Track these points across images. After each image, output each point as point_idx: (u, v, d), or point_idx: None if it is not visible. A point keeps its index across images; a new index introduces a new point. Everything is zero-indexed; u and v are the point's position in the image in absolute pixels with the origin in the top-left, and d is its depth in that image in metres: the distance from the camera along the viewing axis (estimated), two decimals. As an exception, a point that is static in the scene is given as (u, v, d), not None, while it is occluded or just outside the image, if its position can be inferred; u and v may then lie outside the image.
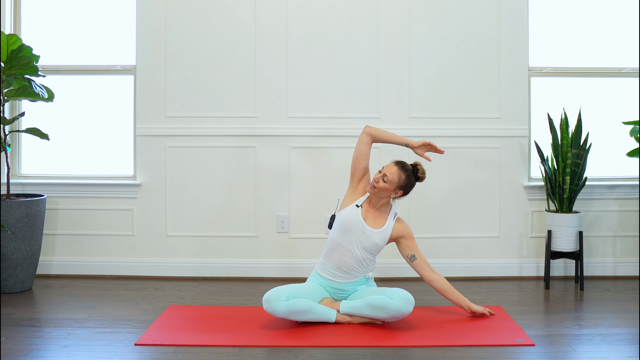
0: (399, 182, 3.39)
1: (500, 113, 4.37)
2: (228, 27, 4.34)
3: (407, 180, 3.41)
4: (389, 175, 3.36)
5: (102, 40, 4.46)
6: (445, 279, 3.50)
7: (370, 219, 3.43)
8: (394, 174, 3.37)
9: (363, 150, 3.52)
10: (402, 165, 3.42)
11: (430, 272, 3.48)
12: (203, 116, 4.36)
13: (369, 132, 3.52)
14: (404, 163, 3.45)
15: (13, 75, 3.96)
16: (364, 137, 3.52)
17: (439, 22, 4.34)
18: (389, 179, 3.36)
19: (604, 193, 4.40)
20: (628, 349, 3.02)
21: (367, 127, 3.53)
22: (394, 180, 3.37)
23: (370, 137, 3.52)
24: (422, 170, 3.47)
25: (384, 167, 3.43)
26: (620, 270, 4.42)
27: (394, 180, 3.37)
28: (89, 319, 3.44)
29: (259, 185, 4.36)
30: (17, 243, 3.94)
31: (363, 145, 3.52)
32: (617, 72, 4.46)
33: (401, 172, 3.39)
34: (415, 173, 3.46)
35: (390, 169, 3.39)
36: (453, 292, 3.49)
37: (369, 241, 3.40)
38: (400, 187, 3.41)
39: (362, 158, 3.51)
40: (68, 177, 4.45)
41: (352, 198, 3.50)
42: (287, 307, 3.21)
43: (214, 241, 4.38)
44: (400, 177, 3.38)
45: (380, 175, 3.39)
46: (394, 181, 3.37)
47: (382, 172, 3.39)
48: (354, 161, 3.53)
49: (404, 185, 3.41)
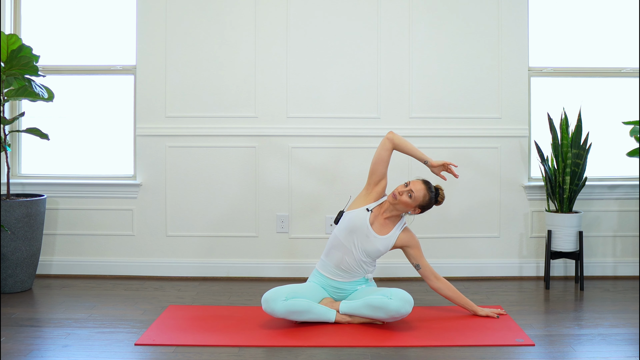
0: (422, 202, 3.37)
1: (500, 113, 4.37)
2: (228, 27, 4.34)
3: (429, 202, 3.40)
4: (416, 192, 3.34)
5: (102, 40, 4.46)
6: (450, 286, 3.49)
7: (377, 225, 3.42)
8: (420, 192, 3.35)
9: (383, 155, 3.47)
10: (428, 186, 3.40)
11: (435, 280, 3.47)
12: (203, 116, 4.36)
13: (392, 139, 3.47)
14: (430, 184, 3.42)
15: (13, 75, 3.96)
16: (386, 143, 3.46)
17: (439, 22, 4.34)
18: (415, 195, 3.34)
19: (604, 193, 4.40)
20: (628, 349, 3.02)
21: (390, 133, 3.48)
22: (419, 197, 3.35)
23: (391, 143, 3.46)
24: (442, 195, 3.46)
25: (410, 182, 3.39)
26: (620, 270, 4.42)
27: (419, 197, 3.35)
28: (89, 319, 3.44)
29: (259, 185, 4.36)
30: (17, 243, 3.94)
31: (383, 151, 3.47)
32: (617, 72, 4.46)
33: (427, 192, 3.37)
34: (436, 197, 3.45)
35: (417, 186, 3.36)
36: (460, 297, 3.49)
37: (371, 246, 3.39)
38: (420, 206, 3.39)
39: (381, 163, 3.46)
40: (68, 177, 4.45)
41: (364, 200, 3.47)
42: (286, 307, 3.21)
43: (214, 241, 4.38)
44: (424, 197, 3.37)
45: (406, 189, 3.35)
46: (418, 199, 3.35)
47: (409, 187, 3.35)
48: (373, 164, 3.48)
49: (424, 205, 3.40)
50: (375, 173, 3.48)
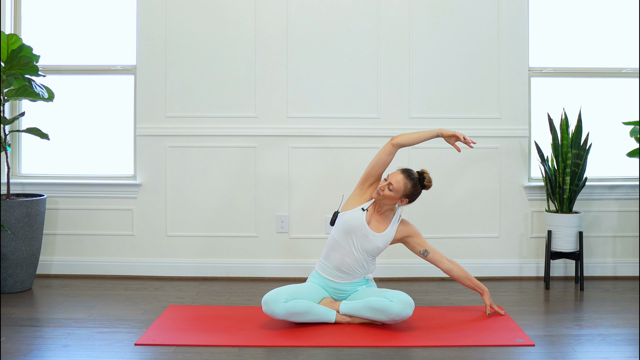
0: (404, 191, 3.33)
1: (500, 113, 4.37)
2: (228, 27, 4.34)
3: (413, 189, 3.36)
4: (394, 184, 3.31)
5: (102, 40, 4.46)
6: (462, 267, 3.53)
7: (374, 223, 3.41)
8: (399, 182, 3.32)
9: (384, 159, 3.43)
10: (408, 174, 3.36)
11: (447, 262, 3.50)
12: (203, 116, 4.36)
13: (396, 143, 3.41)
14: (410, 171, 3.38)
15: (13, 75, 3.96)
16: (389, 148, 3.42)
17: (439, 23, 4.34)
18: (394, 187, 3.31)
19: (604, 193, 4.40)
20: (628, 349, 3.02)
21: (393, 139, 3.43)
22: (400, 188, 3.31)
23: (396, 147, 3.42)
24: (428, 179, 3.40)
25: (389, 174, 3.36)
26: (620, 270, 4.42)
27: (400, 188, 3.31)
28: (89, 319, 3.44)
29: (259, 185, 4.36)
30: (17, 243, 3.94)
31: (385, 155, 3.43)
32: (617, 73, 4.46)
33: (407, 180, 3.33)
34: (422, 181, 3.39)
35: (395, 177, 3.33)
36: (470, 279, 3.53)
37: (370, 245, 3.39)
38: (406, 196, 3.35)
39: (381, 166, 3.43)
40: (68, 177, 4.45)
41: (358, 201, 3.45)
42: (286, 308, 3.20)
43: (214, 241, 4.38)
44: (406, 185, 3.33)
45: (385, 183, 3.32)
46: (399, 190, 3.32)
47: (388, 180, 3.33)
48: (371, 167, 3.44)
49: (409, 194, 3.36)
50: (371, 175, 3.45)
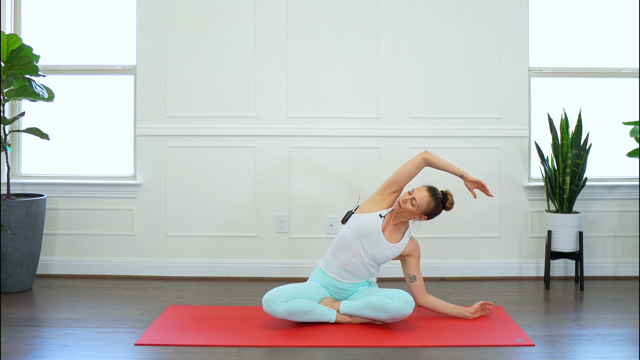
0: (427, 209, 3.31)
1: (500, 113, 4.37)
2: (228, 27, 4.34)
3: (435, 208, 3.34)
4: (418, 200, 3.28)
5: (102, 40, 4.46)
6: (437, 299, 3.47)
7: (388, 231, 3.40)
8: (423, 200, 3.29)
9: (411, 171, 3.41)
10: (433, 192, 3.33)
11: (424, 295, 3.45)
12: (203, 116, 4.36)
13: (427, 159, 3.40)
14: (435, 190, 3.36)
15: (13, 75, 3.96)
16: (418, 161, 3.40)
17: (439, 22, 4.34)
18: (417, 203, 3.28)
19: (604, 193, 4.40)
20: (628, 349, 3.02)
21: (426, 153, 3.41)
22: (422, 205, 3.29)
23: (426, 163, 3.40)
24: (451, 201, 3.38)
25: (414, 189, 3.33)
26: (620, 270, 4.42)
27: (422, 205, 3.29)
28: (89, 319, 3.44)
29: (259, 185, 4.36)
30: (17, 243, 3.94)
31: (413, 168, 3.41)
32: (617, 73, 4.46)
33: (431, 199, 3.30)
34: (444, 202, 3.37)
35: (419, 193, 3.30)
36: (447, 306, 3.45)
37: (380, 252, 3.38)
38: (426, 213, 3.34)
39: (407, 177, 3.41)
40: (68, 177, 4.45)
41: (377, 206, 3.43)
42: (287, 308, 3.20)
43: (214, 241, 4.38)
44: (429, 204, 3.30)
45: (409, 197, 3.30)
46: (421, 206, 3.29)
47: (412, 194, 3.30)
48: (396, 175, 3.43)
49: (430, 212, 3.34)
50: (395, 183, 3.43)
